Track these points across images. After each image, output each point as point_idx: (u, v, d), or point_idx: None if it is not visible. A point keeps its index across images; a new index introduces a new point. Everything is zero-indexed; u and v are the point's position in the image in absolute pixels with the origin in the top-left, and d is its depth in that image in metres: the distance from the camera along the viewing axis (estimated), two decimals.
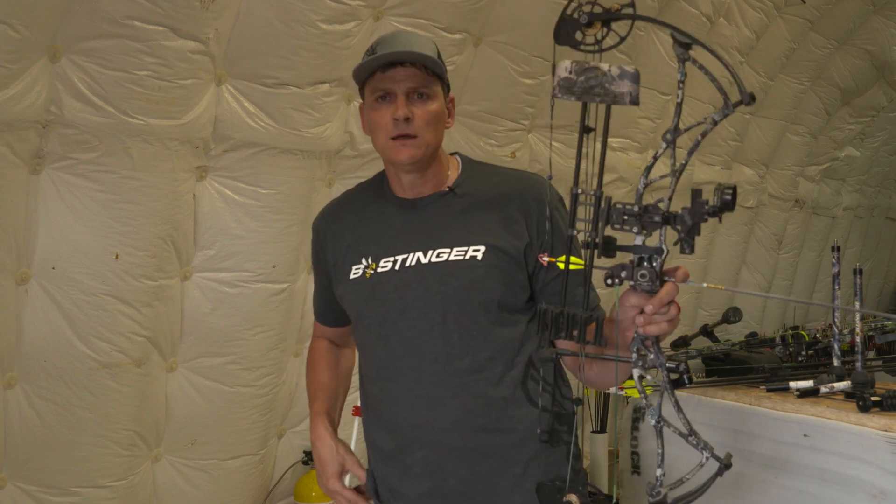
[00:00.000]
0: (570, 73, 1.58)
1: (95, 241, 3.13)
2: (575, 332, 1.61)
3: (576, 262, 1.83)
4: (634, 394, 3.57)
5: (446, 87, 2.15)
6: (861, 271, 3.39)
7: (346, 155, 3.88)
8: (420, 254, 2.10)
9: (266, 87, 3.46)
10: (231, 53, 3.33)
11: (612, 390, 3.61)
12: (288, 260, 3.77)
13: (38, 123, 2.90)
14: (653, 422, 1.64)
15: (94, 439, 3.30)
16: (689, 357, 4.01)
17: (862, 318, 3.41)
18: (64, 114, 2.93)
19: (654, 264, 1.63)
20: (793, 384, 3.42)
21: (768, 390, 3.50)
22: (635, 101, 1.52)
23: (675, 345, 4.18)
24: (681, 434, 1.62)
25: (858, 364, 3.33)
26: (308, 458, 4.16)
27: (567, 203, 1.97)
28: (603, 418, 5.77)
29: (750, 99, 1.45)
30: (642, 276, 1.62)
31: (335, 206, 2.33)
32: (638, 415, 3.75)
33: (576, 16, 1.58)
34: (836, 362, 3.47)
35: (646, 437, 3.72)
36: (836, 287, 3.43)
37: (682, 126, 1.53)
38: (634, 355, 1.63)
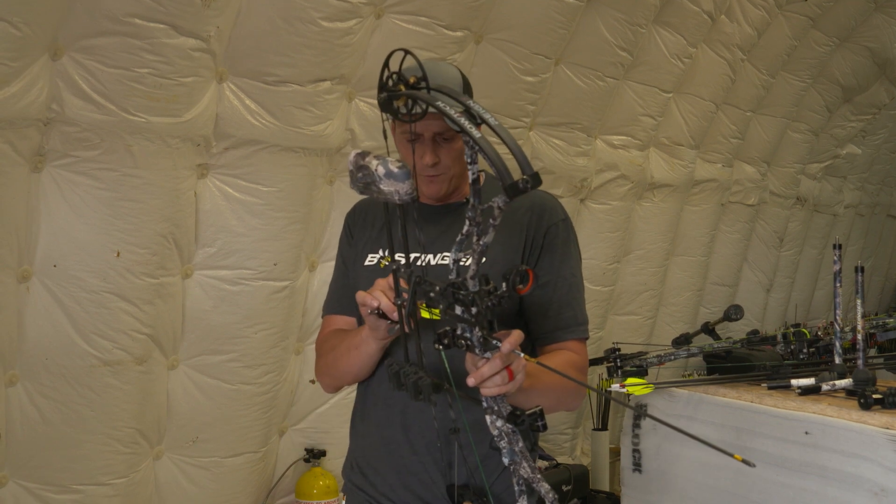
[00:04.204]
0: (352, 167, 1.63)
1: (97, 238, 3.13)
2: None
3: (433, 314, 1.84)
4: (637, 391, 3.57)
5: None
6: (863, 269, 3.39)
7: (348, 152, 3.87)
8: (430, 256, 2.24)
9: (267, 84, 3.46)
10: (232, 51, 3.33)
11: (615, 387, 3.61)
12: (289, 258, 3.77)
13: (39, 121, 2.90)
14: (506, 461, 1.78)
15: (95, 437, 3.30)
16: (691, 355, 4.01)
17: (863, 316, 3.41)
18: (65, 111, 2.93)
19: (474, 334, 1.67)
20: (794, 382, 3.42)
21: (770, 388, 3.50)
22: (405, 199, 1.60)
23: (677, 342, 4.17)
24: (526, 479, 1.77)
25: (860, 362, 3.34)
26: (309, 455, 4.17)
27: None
28: (604, 416, 5.78)
29: (525, 185, 1.48)
30: (465, 340, 1.68)
31: (367, 202, 2.45)
32: (639, 412, 3.75)
33: (391, 84, 1.68)
34: (837, 360, 3.48)
35: (647, 435, 3.72)
36: (838, 285, 3.43)
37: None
38: (485, 403, 1.75)
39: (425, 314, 1.93)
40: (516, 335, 1.71)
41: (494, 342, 1.67)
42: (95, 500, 3.34)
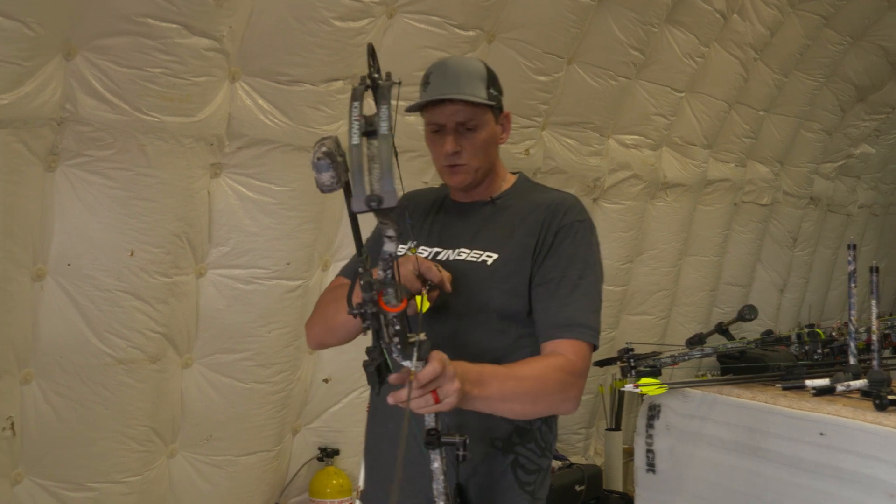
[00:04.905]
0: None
1: (111, 237, 3.15)
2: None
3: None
4: (650, 391, 3.56)
5: (498, 108, 2.30)
6: (878, 269, 3.38)
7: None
8: (450, 251, 2.28)
9: (280, 84, 3.46)
10: (245, 51, 3.34)
11: (628, 387, 3.60)
12: (302, 257, 3.77)
13: (52, 121, 2.91)
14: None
15: (109, 435, 3.32)
16: (705, 355, 3.99)
17: (878, 317, 3.39)
18: (79, 111, 2.94)
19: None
20: (809, 382, 3.41)
21: (784, 388, 3.48)
22: (327, 191, 1.58)
23: (691, 342, 4.16)
24: None
25: (875, 362, 3.32)
26: (323, 454, 4.18)
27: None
28: (618, 416, 5.77)
29: (369, 203, 1.50)
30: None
31: (416, 192, 2.54)
32: (652, 413, 3.74)
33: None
34: (852, 360, 3.46)
35: (661, 435, 3.71)
36: (853, 285, 3.41)
37: None
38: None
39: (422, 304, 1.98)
40: (433, 365, 1.71)
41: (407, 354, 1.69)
42: (110, 497, 3.35)
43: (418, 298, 2.01)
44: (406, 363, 1.69)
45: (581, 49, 4.70)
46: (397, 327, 1.67)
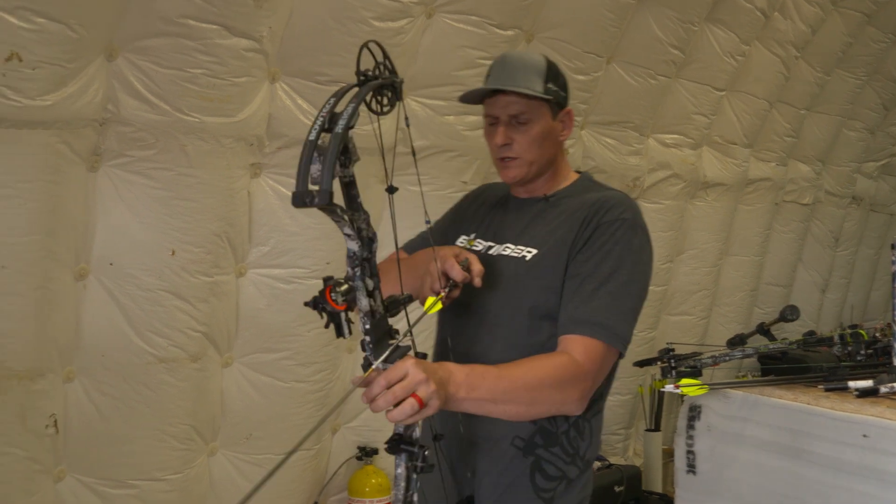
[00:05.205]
0: None
1: (152, 237, 3.17)
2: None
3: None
4: (691, 392, 3.54)
5: (557, 104, 2.30)
6: None
7: (400, 152, 3.87)
8: (499, 246, 2.26)
9: (319, 84, 3.47)
10: (284, 51, 3.35)
11: (669, 388, 3.58)
12: (342, 256, 3.76)
13: (95, 121, 2.94)
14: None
15: (151, 433, 3.35)
16: (746, 355, 3.96)
17: None
18: (120, 112, 2.97)
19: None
20: (852, 384, 3.37)
21: (826, 390, 3.45)
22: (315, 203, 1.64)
23: (732, 343, 4.13)
24: None
25: None
26: (362, 453, 4.19)
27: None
28: (657, 417, 5.74)
29: (310, 199, 1.59)
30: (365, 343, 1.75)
31: (492, 185, 2.54)
32: (693, 413, 3.71)
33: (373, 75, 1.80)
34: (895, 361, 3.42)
35: (701, 436, 3.69)
36: None
37: None
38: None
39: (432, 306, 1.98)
40: (399, 366, 1.70)
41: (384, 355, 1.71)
42: (151, 495, 3.38)
43: (430, 299, 1.99)
44: (376, 364, 1.70)
45: (620, 48, 4.67)
46: (367, 326, 1.67)
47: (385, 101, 1.80)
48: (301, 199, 1.52)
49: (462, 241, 2.35)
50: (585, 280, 2.08)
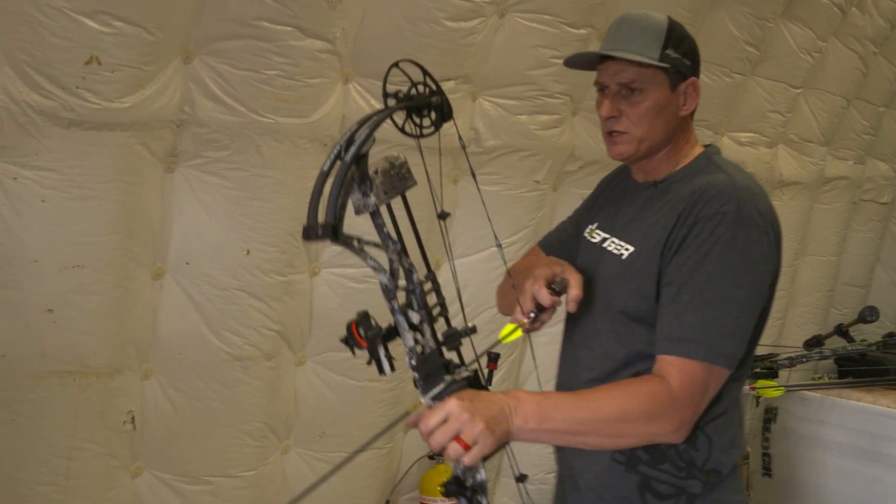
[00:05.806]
0: None
1: (227, 237, 3.21)
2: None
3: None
4: (767, 394, 3.49)
5: (678, 73, 2.08)
6: None
7: (472, 151, 3.88)
8: (608, 236, 2.11)
9: (392, 84, 3.48)
10: (357, 52, 3.37)
11: (744, 389, 3.53)
12: (414, 255, 3.78)
13: (172, 123, 2.98)
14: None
15: (225, 430, 3.39)
16: (824, 357, 3.91)
17: None
18: (197, 113, 3.01)
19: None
20: None
21: None
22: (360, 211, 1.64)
23: (809, 344, 4.07)
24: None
25: None
26: (433, 453, 4.19)
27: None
28: None
29: (314, 233, 1.55)
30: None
31: (619, 169, 2.34)
32: (769, 415, 3.67)
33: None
34: None
35: (777, 439, 3.64)
36: None
37: None
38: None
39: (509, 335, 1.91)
40: (438, 408, 1.67)
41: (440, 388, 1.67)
42: (226, 491, 3.42)
43: (509, 326, 1.89)
44: (422, 400, 1.68)
45: None
46: (412, 362, 1.64)
47: (427, 122, 1.71)
48: (306, 232, 1.49)
49: (588, 229, 2.21)
50: (682, 288, 1.85)
